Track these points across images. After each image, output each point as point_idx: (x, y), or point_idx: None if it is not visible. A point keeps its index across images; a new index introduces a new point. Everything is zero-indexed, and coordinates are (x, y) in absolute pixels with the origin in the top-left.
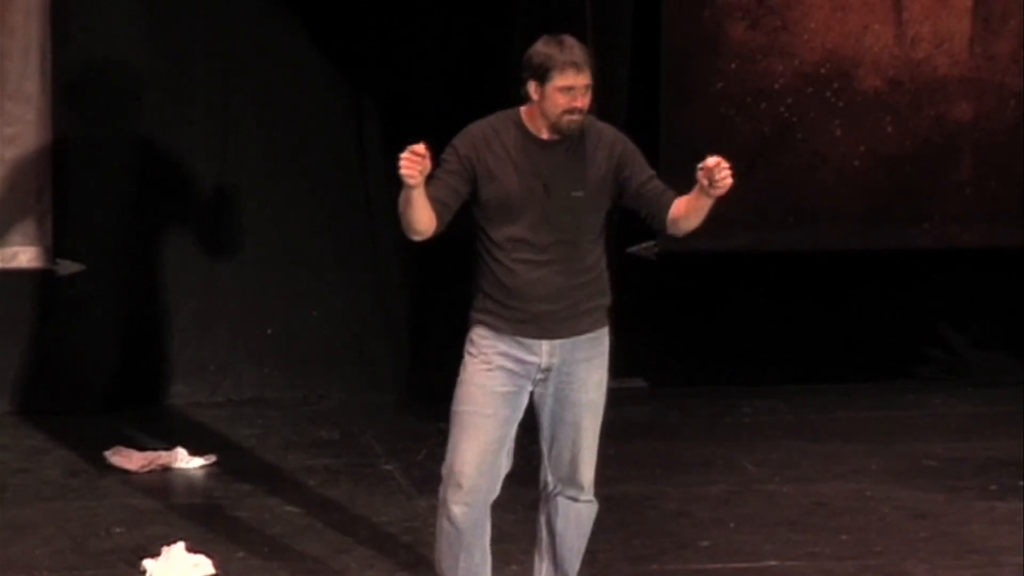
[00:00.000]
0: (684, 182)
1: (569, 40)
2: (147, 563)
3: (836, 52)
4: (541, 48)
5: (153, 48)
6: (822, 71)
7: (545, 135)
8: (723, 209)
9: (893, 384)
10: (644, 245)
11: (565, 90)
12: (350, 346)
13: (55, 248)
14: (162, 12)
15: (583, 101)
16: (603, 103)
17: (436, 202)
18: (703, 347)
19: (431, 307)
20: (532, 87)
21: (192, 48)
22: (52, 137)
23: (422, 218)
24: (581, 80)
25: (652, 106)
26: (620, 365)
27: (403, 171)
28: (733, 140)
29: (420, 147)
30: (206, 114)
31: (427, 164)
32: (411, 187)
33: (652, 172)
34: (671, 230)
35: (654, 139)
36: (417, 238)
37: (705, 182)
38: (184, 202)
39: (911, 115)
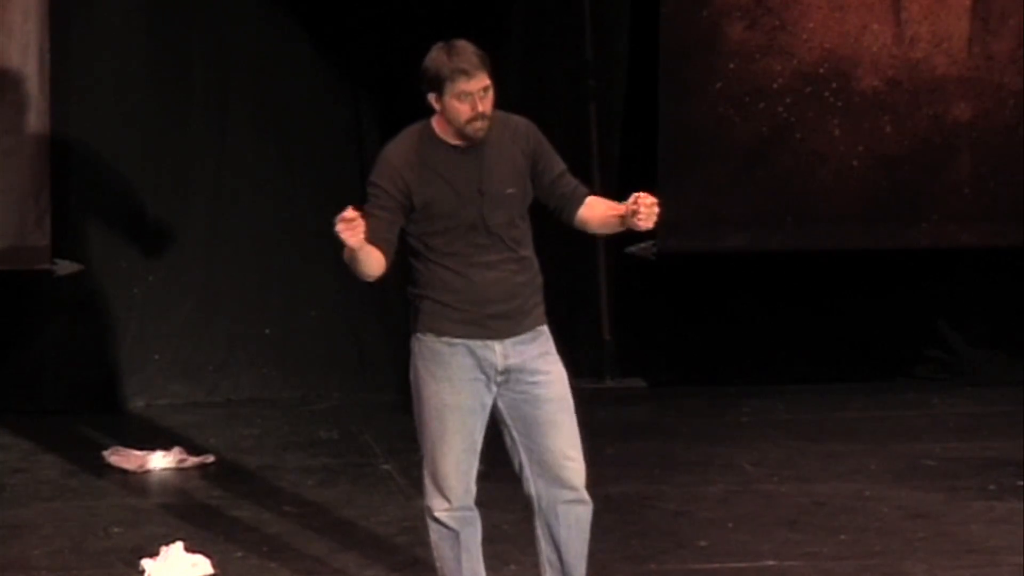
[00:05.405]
0: (682, 181)
1: (460, 45)
2: (145, 563)
3: (835, 52)
4: (432, 58)
5: (151, 48)
6: (821, 71)
7: (460, 141)
8: (722, 209)
9: (892, 384)
10: (643, 245)
11: (462, 96)
12: (348, 346)
13: (53, 248)
14: (160, 12)
15: (485, 105)
16: (602, 102)
17: (382, 242)
18: (702, 347)
19: None
20: (432, 99)
21: (190, 48)
22: (50, 137)
23: (372, 264)
24: (475, 84)
25: (650, 106)
26: (620, 365)
27: (345, 239)
28: (731, 140)
29: (349, 212)
30: (204, 114)
31: (362, 223)
32: (355, 248)
33: (564, 166)
34: (579, 226)
35: (652, 138)
36: (371, 280)
37: (629, 211)
38: (182, 202)
39: (910, 115)
